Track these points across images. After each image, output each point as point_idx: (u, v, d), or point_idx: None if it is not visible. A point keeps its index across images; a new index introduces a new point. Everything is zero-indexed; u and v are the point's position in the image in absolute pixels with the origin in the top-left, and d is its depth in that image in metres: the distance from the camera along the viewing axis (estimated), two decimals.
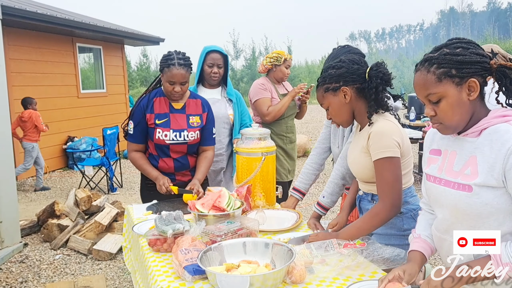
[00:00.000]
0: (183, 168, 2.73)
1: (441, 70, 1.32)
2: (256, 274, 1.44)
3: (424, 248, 1.52)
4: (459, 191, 1.35)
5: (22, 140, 6.88)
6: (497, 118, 1.32)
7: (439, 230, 1.48)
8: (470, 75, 1.31)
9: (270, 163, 2.46)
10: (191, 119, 2.70)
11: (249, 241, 1.72)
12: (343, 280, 1.57)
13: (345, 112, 1.87)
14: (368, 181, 1.93)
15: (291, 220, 2.22)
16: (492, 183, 1.28)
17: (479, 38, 51.32)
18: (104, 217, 4.43)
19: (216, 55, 3.14)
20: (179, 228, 1.83)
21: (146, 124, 2.64)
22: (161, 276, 1.61)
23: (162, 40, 11.72)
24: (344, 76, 1.83)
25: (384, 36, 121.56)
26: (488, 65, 1.33)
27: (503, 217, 1.30)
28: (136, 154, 2.71)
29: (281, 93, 3.77)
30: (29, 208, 5.91)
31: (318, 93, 1.90)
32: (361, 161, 1.87)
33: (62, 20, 8.01)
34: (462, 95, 1.32)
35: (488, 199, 1.29)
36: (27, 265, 3.97)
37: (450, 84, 1.32)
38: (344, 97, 1.84)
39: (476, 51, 1.33)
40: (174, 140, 2.64)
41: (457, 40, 1.38)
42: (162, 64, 2.58)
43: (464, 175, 1.34)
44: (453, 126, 1.37)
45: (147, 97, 2.70)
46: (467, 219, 1.34)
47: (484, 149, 1.31)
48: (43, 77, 8.25)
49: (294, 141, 3.88)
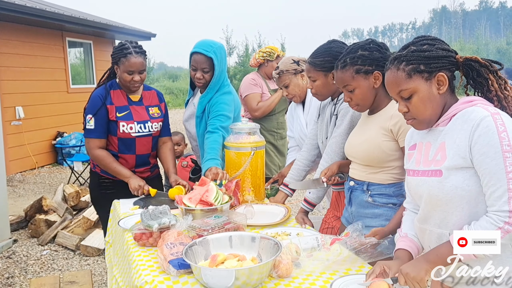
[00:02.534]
0: (144, 165, 2.66)
1: (410, 67, 1.38)
2: (242, 268, 1.43)
3: (410, 247, 1.51)
4: (431, 178, 1.37)
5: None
6: (465, 103, 1.37)
7: (419, 221, 1.49)
8: (438, 70, 1.37)
9: (260, 158, 2.44)
10: (151, 110, 2.65)
11: (235, 235, 1.70)
12: (329, 274, 1.56)
13: (370, 96, 1.84)
14: (372, 165, 1.86)
15: (280, 214, 2.20)
16: (459, 162, 1.30)
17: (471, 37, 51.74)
18: (93, 212, 4.38)
19: (201, 57, 2.58)
20: (165, 223, 1.81)
21: (106, 117, 2.52)
22: (145, 271, 1.59)
23: (153, 35, 11.65)
24: (378, 61, 1.80)
25: (377, 34, 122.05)
26: (454, 59, 1.39)
27: (475, 200, 1.31)
28: (102, 152, 2.55)
29: (272, 89, 3.76)
30: (17, 203, 5.84)
31: (346, 74, 1.81)
32: (377, 142, 1.81)
33: (52, 14, 7.91)
34: (432, 89, 1.37)
35: (458, 182, 1.31)
36: (13, 260, 3.92)
37: (419, 79, 1.37)
38: (375, 82, 1.81)
39: (442, 46, 1.39)
40: (140, 132, 2.57)
41: (423, 38, 1.43)
42: (117, 54, 2.50)
43: (436, 161, 1.38)
44: (427, 120, 1.41)
45: (104, 89, 2.59)
46: (440, 204, 1.36)
47: (452, 133, 1.35)
48: (32, 71, 8.15)
49: (285, 137, 3.87)
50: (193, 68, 2.64)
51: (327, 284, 1.49)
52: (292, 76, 2.65)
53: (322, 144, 2.34)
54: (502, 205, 1.23)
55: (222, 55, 2.66)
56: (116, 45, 2.56)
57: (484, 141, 1.25)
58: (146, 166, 2.68)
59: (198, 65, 2.61)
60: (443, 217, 1.37)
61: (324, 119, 2.32)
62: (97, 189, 2.71)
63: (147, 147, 2.64)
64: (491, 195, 1.26)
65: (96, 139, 2.55)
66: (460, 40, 46.38)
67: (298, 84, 2.68)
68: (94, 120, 2.52)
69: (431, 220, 1.42)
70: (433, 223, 1.41)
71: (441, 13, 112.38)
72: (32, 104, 8.00)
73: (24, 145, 7.76)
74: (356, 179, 1.95)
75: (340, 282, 1.46)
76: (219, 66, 2.62)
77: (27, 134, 7.82)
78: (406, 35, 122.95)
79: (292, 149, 2.99)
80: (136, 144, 2.58)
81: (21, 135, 7.73)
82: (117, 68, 2.54)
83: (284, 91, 2.71)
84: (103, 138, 2.56)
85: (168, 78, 36.51)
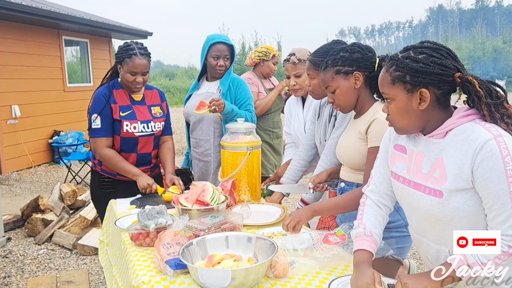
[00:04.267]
0: (145, 164, 2.67)
1: (396, 74, 1.32)
2: (238, 268, 1.44)
3: (373, 248, 1.46)
4: (430, 196, 1.33)
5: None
6: (462, 118, 1.31)
7: (415, 231, 1.48)
8: (424, 85, 1.29)
9: (256, 158, 2.45)
10: (153, 109, 2.66)
11: (232, 235, 1.71)
12: (325, 274, 1.57)
13: (352, 97, 1.86)
14: (357, 169, 1.91)
15: (276, 214, 2.21)
16: (461, 185, 1.27)
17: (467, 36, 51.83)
18: (89, 211, 4.38)
19: (223, 46, 2.85)
20: (161, 223, 1.81)
21: (111, 115, 2.53)
22: (142, 271, 1.60)
23: (150, 34, 11.61)
24: (358, 61, 1.82)
25: (374, 32, 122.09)
26: (450, 77, 1.29)
27: (475, 219, 1.29)
28: (110, 151, 2.54)
29: (268, 88, 3.76)
30: (14, 202, 5.83)
31: (327, 74, 1.85)
32: (356, 146, 1.86)
33: (48, 12, 7.88)
34: (411, 102, 1.32)
35: (459, 204, 1.28)
36: (10, 260, 3.91)
37: (401, 89, 1.32)
38: (355, 82, 1.83)
39: (440, 61, 1.29)
40: (143, 131, 2.58)
41: (426, 45, 1.34)
42: (122, 54, 2.49)
43: (434, 179, 1.33)
44: (403, 129, 1.38)
45: (107, 87, 2.59)
46: (439, 223, 1.34)
47: (450, 150, 1.30)
48: (28, 70, 8.11)
49: (281, 136, 3.88)
50: (215, 57, 2.86)
51: (323, 284, 1.50)
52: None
53: (320, 144, 2.35)
54: (506, 230, 1.22)
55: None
56: (121, 45, 2.56)
57: (488, 165, 1.21)
58: (147, 165, 2.68)
59: (221, 53, 2.85)
60: (441, 235, 1.36)
61: (322, 120, 2.33)
62: (97, 188, 2.72)
63: (149, 147, 2.65)
64: (494, 219, 1.24)
65: (103, 138, 2.54)
66: (457, 39, 46.47)
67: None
68: (100, 119, 2.51)
69: (428, 234, 1.41)
70: (431, 238, 1.40)
71: (438, 12, 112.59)
72: (29, 102, 7.97)
73: (20, 144, 7.74)
74: (346, 180, 1.98)
75: (338, 282, 1.46)
76: (235, 54, 2.98)
77: (23, 133, 7.79)
78: (403, 34, 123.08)
79: (289, 145, 2.99)
80: (138, 144, 2.60)
81: (17, 133, 7.71)
82: (120, 68, 2.53)
83: (292, 80, 2.62)
84: (110, 137, 2.55)
85: (165, 77, 36.43)
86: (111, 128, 2.55)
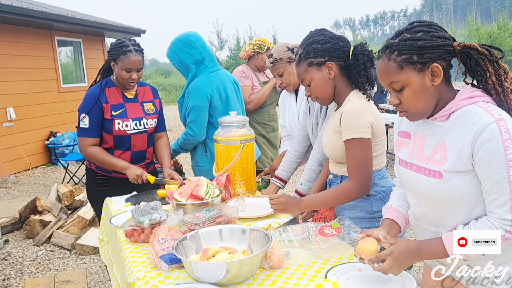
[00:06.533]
0: (139, 162, 2.66)
1: (402, 57, 1.28)
2: (232, 260, 1.43)
3: (395, 216, 1.50)
4: (430, 178, 1.33)
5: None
6: (465, 100, 1.30)
7: (414, 216, 1.48)
8: (433, 60, 1.27)
9: (249, 151, 2.44)
10: (146, 106, 2.65)
11: (226, 228, 1.70)
12: (321, 263, 1.57)
13: (328, 88, 1.84)
14: (340, 162, 1.90)
15: None
16: (461, 167, 1.26)
17: (462, 23, 51.68)
18: (87, 211, 4.38)
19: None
20: (155, 218, 1.80)
21: (101, 116, 2.52)
22: (137, 267, 1.59)
23: (143, 31, 11.58)
24: (330, 51, 1.80)
25: (369, 23, 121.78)
26: (451, 47, 1.29)
27: (475, 201, 1.29)
28: (94, 148, 2.55)
29: (262, 81, 3.74)
30: (12, 205, 5.81)
31: (300, 68, 1.84)
32: (334, 140, 1.85)
33: (39, 13, 7.83)
34: (425, 81, 1.29)
35: (459, 185, 1.27)
36: (9, 262, 3.91)
37: (412, 71, 1.28)
38: (329, 73, 1.81)
39: (438, 34, 1.29)
40: (135, 129, 2.57)
41: (418, 24, 1.33)
42: (116, 51, 2.47)
43: (435, 161, 1.33)
44: (419, 113, 1.35)
45: (98, 87, 2.58)
46: (439, 205, 1.34)
47: (453, 133, 1.29)
48: (22, 72, 8.07)
49: (277, 129, 3.86)
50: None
51: (318, 274, 1.50)
52: (287, 64, 2.52)
53: (313, 135, 2.34)
54: (503, 214, 1.21)
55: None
56: (114, 42, 2.53)
57: (488, 148, 1.20)
58: (141, 162, 2.68)
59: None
60: (440, 217, 1.35)
61: (314, 110, 2.32)
62: (93, 186, 2.71)
63: (142, 144, 2.64)
64: (492, 202, 1.24)
65: (90, 138, 2.54)
66: (451, 26, 46.31)
67: (292, 72, 2.54)
68: (88, 119, 2.51)
69: (427, 219, 1.40)
70: (429, 221, 1.40)
71: (432, 0, 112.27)
72: (24, 104, 7.94)
73: (16, 146, 7.71)
74: (332, 172, 1.98)
75: (335, 271, 1.47)
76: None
77: (19, 135, 7.76)
78: (398, 23, 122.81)
79: (285, 138, 2.97)
80: (131, 141, 2.59)
81: (13, 136, 7.68)
82: (114, 65, 2.51)
83: (278, 80, 2.63)
84: (97, 137, 2.55)
85: (161, 75, 36.31)
86: (99, 128, 2.54)
